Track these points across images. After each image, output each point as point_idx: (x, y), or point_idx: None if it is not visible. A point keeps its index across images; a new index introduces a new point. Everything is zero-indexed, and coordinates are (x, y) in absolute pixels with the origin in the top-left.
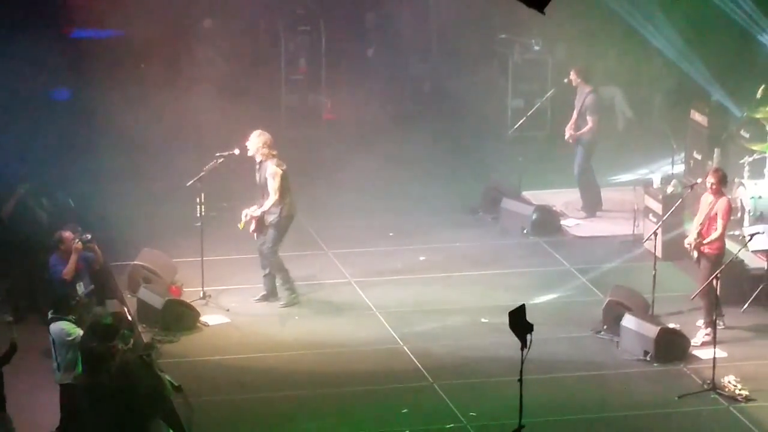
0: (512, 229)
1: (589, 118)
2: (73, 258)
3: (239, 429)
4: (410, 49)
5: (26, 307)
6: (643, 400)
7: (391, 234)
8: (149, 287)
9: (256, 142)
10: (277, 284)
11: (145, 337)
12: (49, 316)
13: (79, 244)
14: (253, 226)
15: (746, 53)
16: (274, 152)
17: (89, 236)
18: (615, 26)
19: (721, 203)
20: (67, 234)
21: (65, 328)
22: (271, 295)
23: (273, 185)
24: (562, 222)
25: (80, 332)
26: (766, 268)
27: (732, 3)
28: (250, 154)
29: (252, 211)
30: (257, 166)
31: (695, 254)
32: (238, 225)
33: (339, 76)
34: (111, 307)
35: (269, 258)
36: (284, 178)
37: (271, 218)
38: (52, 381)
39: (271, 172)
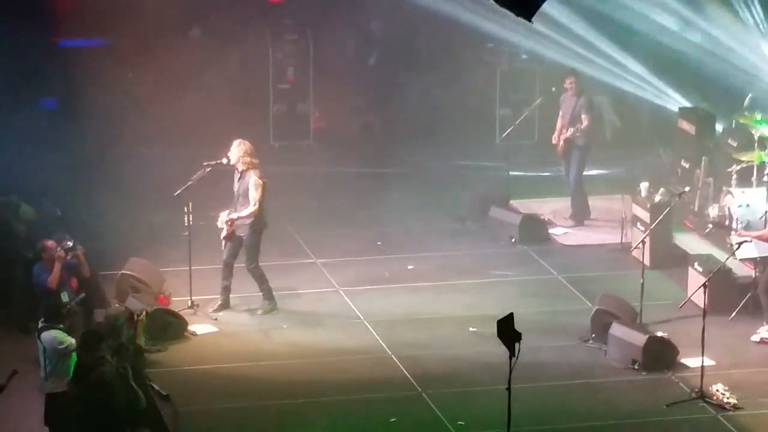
0: (500, 237)
1: (584, 116)
2: (57, 266)
3: None
4: (399, 58)
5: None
6: (631, 409)
7: (379, 243)
8: (137, 297)
9: (236, 151)
10: (262, 294)
11: None
12: (40, 325)
13: (61, 253)
14: (225, 233)
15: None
16: (256, 161)
17: (70, 243)
18: (601, 34)
19: None
20: (49, 243)
21: (57, 337)
22: (225, 306)
23: (255, 196)
24: (550, 231)
25: (72, 340)
26: (753, 276)
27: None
28: (231, 163)
29: (227, 216)
30: (237, 176)
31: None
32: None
33: (327, 85)
34: (99, 317)
35: (253, 273)
36: (266, 191)
37: (241, 232)
38: (34, 389)
39: (254, 183)
